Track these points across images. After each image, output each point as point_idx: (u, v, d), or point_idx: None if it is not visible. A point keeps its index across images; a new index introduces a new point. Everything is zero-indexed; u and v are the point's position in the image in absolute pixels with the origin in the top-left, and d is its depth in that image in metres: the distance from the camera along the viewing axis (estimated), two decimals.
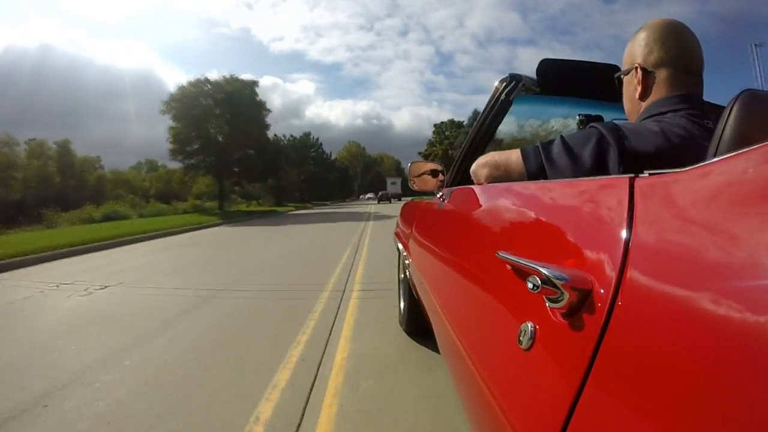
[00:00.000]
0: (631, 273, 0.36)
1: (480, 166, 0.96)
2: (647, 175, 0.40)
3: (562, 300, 0.41)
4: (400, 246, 2.17)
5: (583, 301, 0.40)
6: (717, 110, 0.65)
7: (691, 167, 0.36)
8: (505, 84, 1.20)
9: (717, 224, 0.31)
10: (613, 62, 1.23)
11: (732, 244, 0.29)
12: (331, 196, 58.18)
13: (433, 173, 1.61)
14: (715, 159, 0.35)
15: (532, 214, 0.65)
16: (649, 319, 0.33)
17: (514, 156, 0.84)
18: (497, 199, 0.85)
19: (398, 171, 77.49)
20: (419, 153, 51.50)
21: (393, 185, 54.72)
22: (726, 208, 0.31)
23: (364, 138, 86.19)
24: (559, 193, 0.59)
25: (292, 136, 49.03)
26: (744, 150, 0.32)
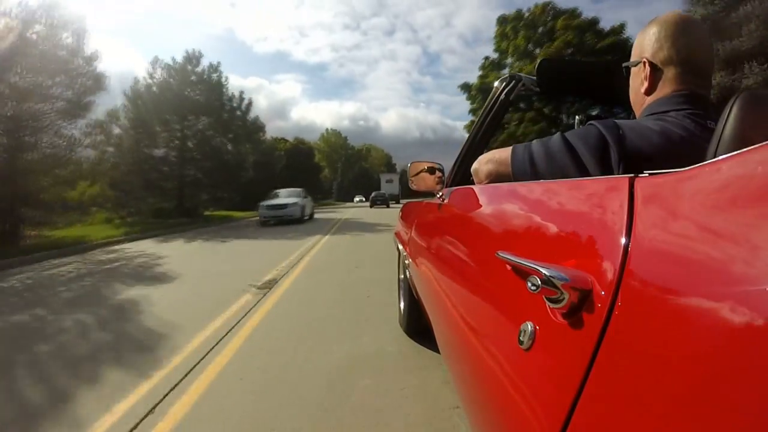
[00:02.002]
0: (631, 273, 0.36)
1: (481, 164, 0.96)
2: (647, 175, 0.40)
3: (563, 300, 0.41)
4: (401, 246, 2.17)
5: (583, 302, 0.40)
6: (719, 112, 0.65)
7: (690, 167, 0.36)
8: (505, 84, 1.20)
9: (717, 224, 0.31)
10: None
11: (732, 244, 0.29)
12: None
13: (431, 171, 1.61)
14: (715, 159, 0.35)
15: (532, 214, 0.65)
16: (648, 319, 0.33)
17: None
18: (497, 199, 0.85)
19: (389, 167, 66.23)
20: (462, 87, 19.36)
21: (389, 183, 41.47)
22: (726, 208, 0.31)
23: (351, 139, 75.08)
24: (559, 193, 0.59)
25: None
26: (743, 150, 0.32)
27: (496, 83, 1.24)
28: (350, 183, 58.94)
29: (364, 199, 43.22)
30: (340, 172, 62.82)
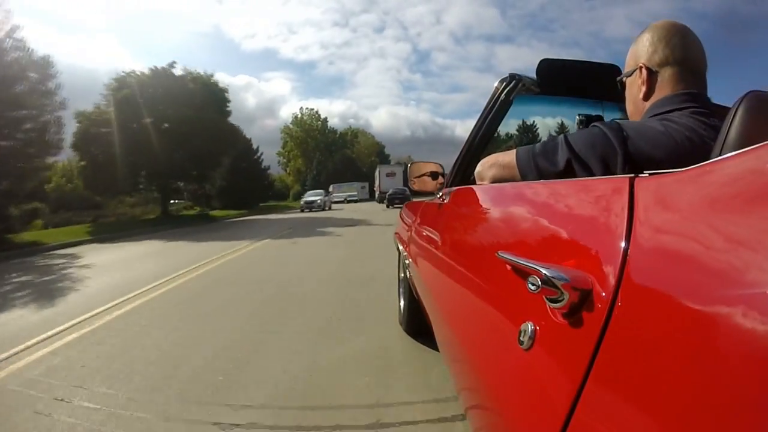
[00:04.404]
0: (631, 273, 0.36)
1: (486, 167, 0.95)
2: (647, 175, 0.40)
3: (563, 300, 0.41)
4: (401, 246, 2.17)
5: (583, 302, 0.40)
6: (721, 110, 0.64)
7: (691, 167, 0.36)
8: (505, 84, 1.20)
9: (716, 224, 0.31)
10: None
11: (731, 244, 0.29)
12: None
13: (433, 175, 1.61)
14: (715, 159, 0.35)
15: (532, 214, 0.65)
16: (648, 319, 0.33)
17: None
18: (497, 199, 0.85)
19: (382, 158, 52.46)
20: None
21: (390, 178, 30.49)
22: (726, 208, 0.31)
23: None
24: (560, 193, 0.59)
25: None
26: (743, 150, 0.32)
27: (495, 83, 1.24)
28: (330, 175, 42.00)
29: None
30: (316, 162, 46.06)
